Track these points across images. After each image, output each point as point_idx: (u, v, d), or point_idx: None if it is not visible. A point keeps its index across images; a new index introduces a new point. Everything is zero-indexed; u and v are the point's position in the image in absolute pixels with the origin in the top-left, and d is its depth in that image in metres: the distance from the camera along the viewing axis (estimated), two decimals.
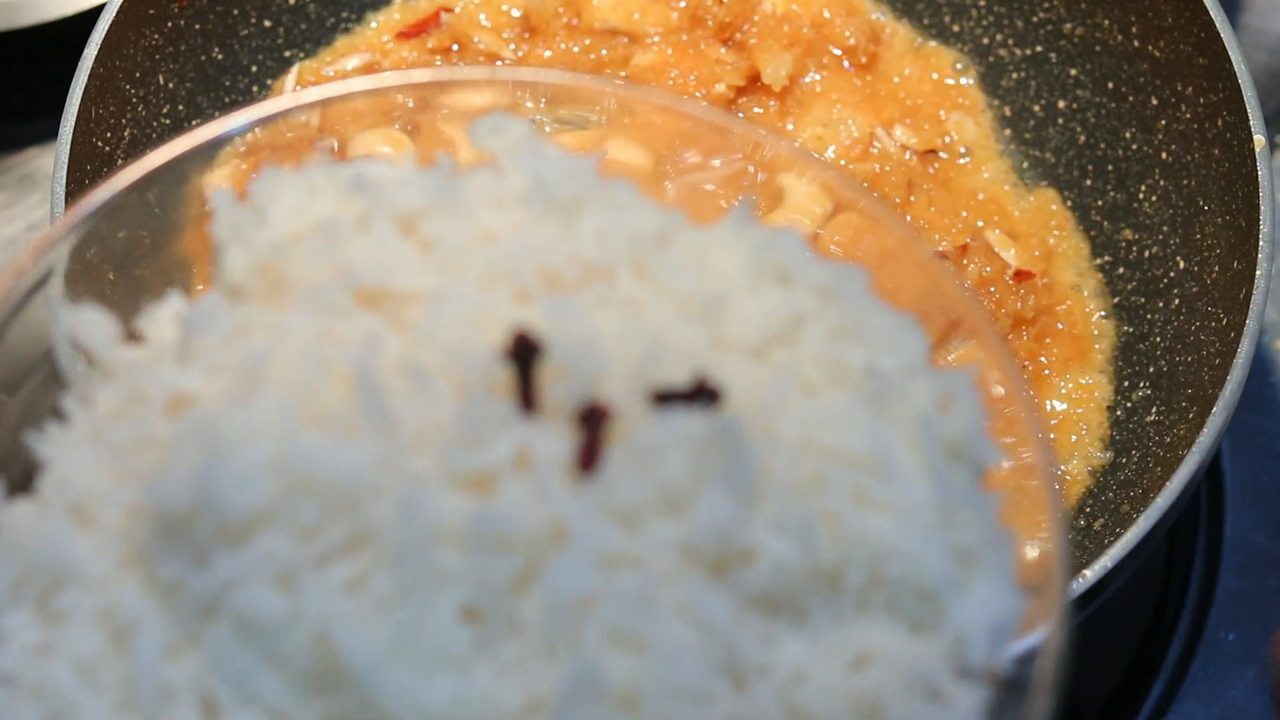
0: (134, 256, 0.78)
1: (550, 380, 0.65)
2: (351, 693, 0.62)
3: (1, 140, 1.42)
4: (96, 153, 1.15)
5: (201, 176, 0.76)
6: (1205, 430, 1.02)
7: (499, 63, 1.25)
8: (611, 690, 0.61)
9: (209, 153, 0.75)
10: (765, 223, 0.67)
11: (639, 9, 1.27)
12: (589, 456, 0.64)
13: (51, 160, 1.16)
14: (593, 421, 0.64)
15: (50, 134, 1.13)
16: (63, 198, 1.09)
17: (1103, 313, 1.21)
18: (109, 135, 1.17)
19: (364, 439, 0.64)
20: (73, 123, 1.12)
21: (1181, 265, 1.16)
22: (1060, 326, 1.20)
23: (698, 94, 1.22)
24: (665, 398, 0.64)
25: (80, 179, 1.12)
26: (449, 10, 1.30)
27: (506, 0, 1.30)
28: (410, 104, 1.15)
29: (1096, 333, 1.20)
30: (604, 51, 1.26)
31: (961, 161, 1.26)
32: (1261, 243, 1.07)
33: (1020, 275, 1.19)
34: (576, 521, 0.62)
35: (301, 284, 0.68)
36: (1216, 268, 1.13)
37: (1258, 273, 1.07)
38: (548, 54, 1.26)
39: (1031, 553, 0.64)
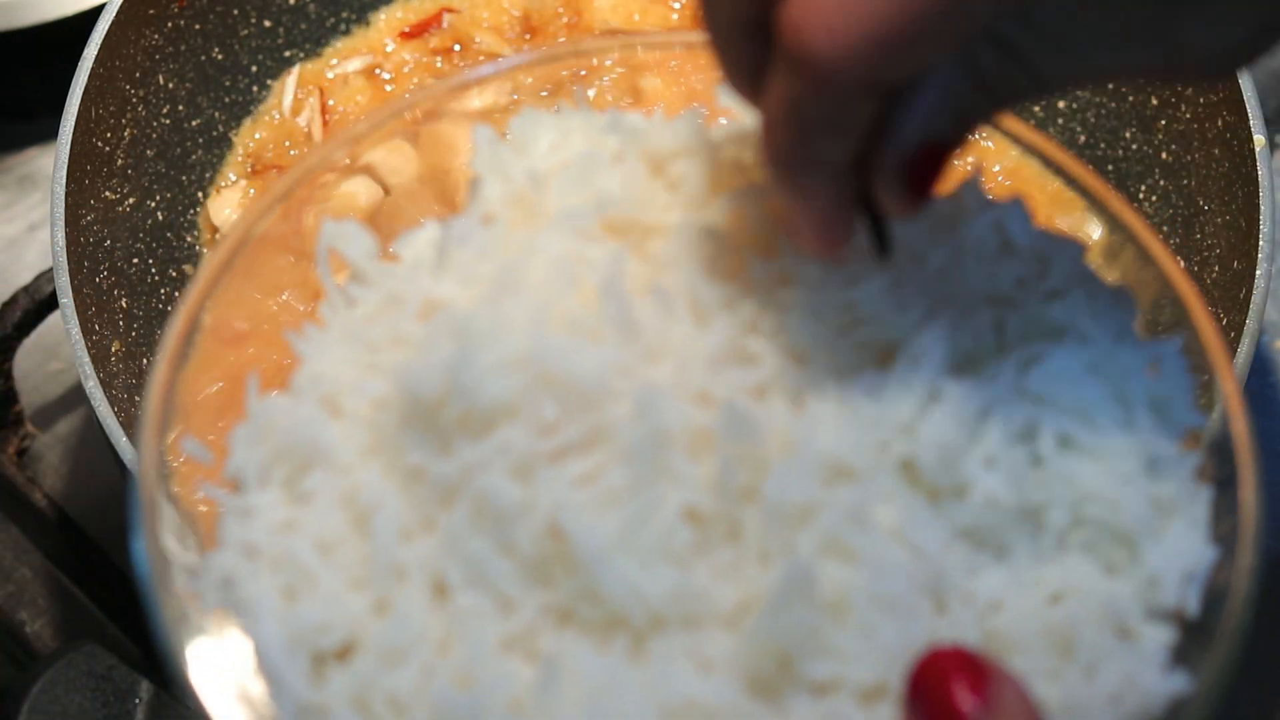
0: None
1: None
2: (572, 584, 0.65)
3: (1, 140, 1.43)
4: (96, 153, 1.16)
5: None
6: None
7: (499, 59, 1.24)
8: (821, 595, 0.64)
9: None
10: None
11: (638, 10, 1.29)
12: None
13: (51, 160, 1.16)
14: None
15: (50, 134, 1.13)
16: (63, 198, 1.09)
17: None
18: (109, 135, 1.17)
19: (607, 344, 0.67)
20: (73, 123, 1.12)
21: (1181, 265, 1.12)
22: None
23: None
24: None
25: (80, 179, 1.12)
26: (452, 11, 1.31)
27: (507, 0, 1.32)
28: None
29: None
30: None
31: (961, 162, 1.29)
32: (1261, 243, 1.06)
33: None
34: (802, 438, 0.66)
35: (554, 209, 0.72)
36: (1216, 268, 1.12)
37: (1258, 273, 1.06)
38: None
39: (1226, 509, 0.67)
